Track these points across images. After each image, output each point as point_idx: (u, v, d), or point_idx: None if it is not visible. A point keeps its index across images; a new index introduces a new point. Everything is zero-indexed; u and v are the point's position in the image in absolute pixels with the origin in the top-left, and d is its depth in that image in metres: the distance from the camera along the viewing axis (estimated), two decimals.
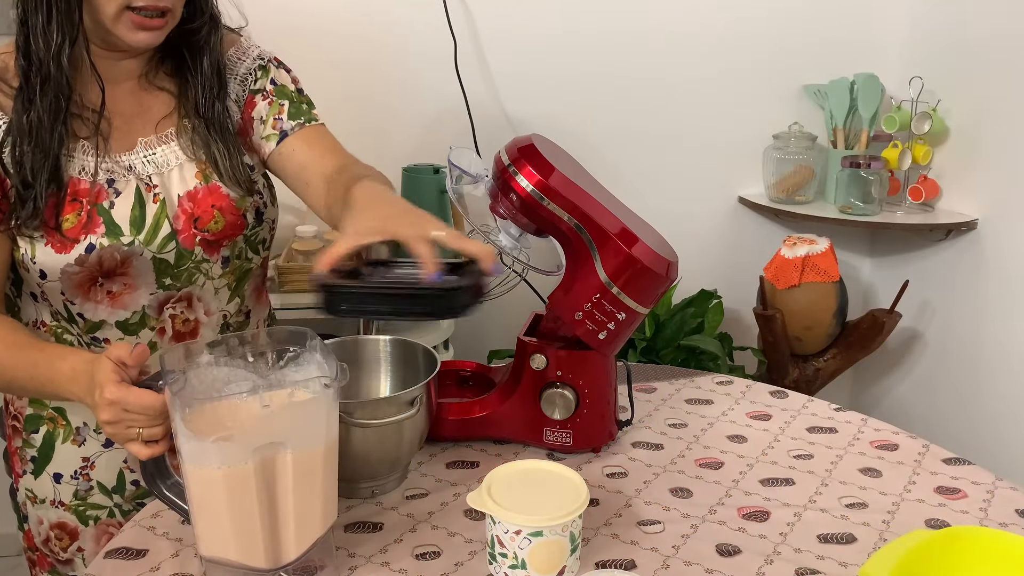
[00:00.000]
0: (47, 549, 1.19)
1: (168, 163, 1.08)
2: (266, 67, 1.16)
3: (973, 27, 2.03)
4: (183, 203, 1.07)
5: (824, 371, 2.16)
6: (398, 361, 1.16)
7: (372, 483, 1.05)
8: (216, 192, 1.09)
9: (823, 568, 0.91)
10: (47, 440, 1.14)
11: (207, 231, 1.08)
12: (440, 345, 1.99)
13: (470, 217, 1.14)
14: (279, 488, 0.81)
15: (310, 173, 1.12)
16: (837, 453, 1.16)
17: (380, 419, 0.99)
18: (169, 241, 1.06)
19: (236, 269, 1.15)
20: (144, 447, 0.86)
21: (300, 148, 1.13)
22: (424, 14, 2.08)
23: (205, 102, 1.09)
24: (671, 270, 1.09)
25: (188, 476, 0.81)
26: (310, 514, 0.84)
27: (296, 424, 0.81)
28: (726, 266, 2.35)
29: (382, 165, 2.08)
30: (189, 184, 1.08)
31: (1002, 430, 1.99)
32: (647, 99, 2.23)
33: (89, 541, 1.17)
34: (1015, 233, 1.94)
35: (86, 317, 1.07)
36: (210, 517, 0.81)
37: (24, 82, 0.98)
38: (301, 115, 1.15)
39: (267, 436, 0.79)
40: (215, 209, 1.09)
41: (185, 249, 1.08)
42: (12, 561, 2.19)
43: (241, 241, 1.13)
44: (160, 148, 1.08)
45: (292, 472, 0.81)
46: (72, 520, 1.16)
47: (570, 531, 0.86)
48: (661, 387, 1.37)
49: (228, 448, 0.78)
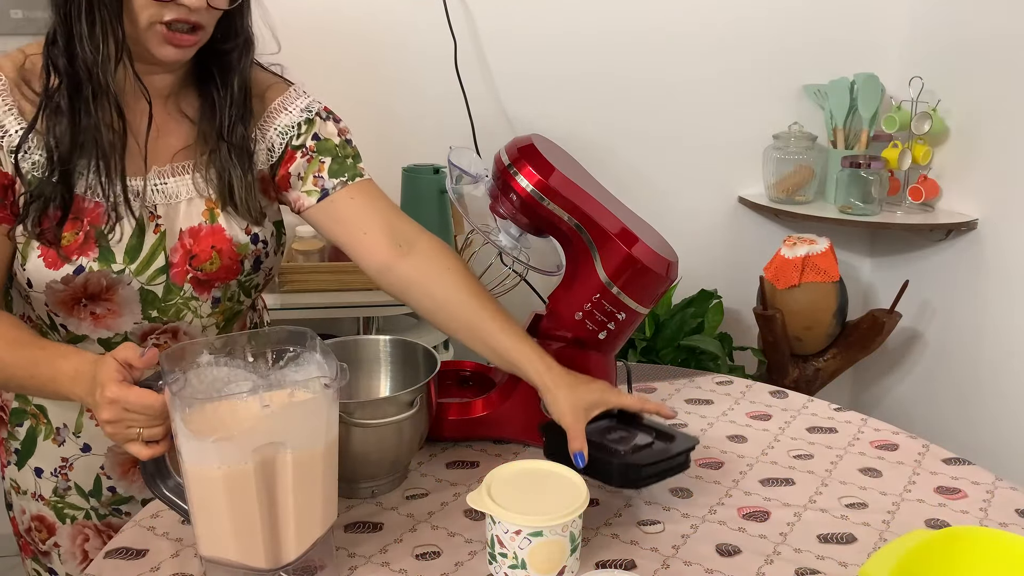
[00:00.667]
0: (29, 538, 1.19)
1: (177, 195, 1.04)
2: (312, 120, 1.11)
3: (973, 27, 2.03)
4: (184, 238, 1.04)
5: (824, 371, 2.16)
6: (398, 361, 1.16)
7: (372, 483, 1.05)
8: (219, 233, 1.05)
9: (823, 568, 0.91)
10: (30, 435, 1.14)
11: (200, 270, 1.05)
12: (440, 345, 1.99)
13: (470, 217, 1.14)
14: (279, 488, 0.81)
15: (353, 229, 1.10)
16: (837, 453, 1.15)
17: (380, 419, 0.99)
18: (160, 274, 1.03)
19: (226, 310, 1.11)
20: (144, 447, 0.86)
21: (343, 206, 1.09)
22: (424, 14, 2.08)
23: (230, 124, 1.05)
24: (671, 270, 1.09)
25: (188, 476, 0.81)
26: (310, 514, 0.84)
27: (296, 424, 0.81)
28: (726, 266, 2.35)
29: (382, 165, 2.08)
30: (194, 220, 1.05)
31: (1002, 430, 1.99)
32: (647, 99, 2.23)
33: (65, 539, 1.17)
34: (1015, 233, 1.94)
35: (69, 329, 1.06)
36: (210, 517, 0.81)
37: (68, 90, 0.94)
38: (345, 172, 1.10)
39: (267, 436, 0.79)
40: (214, 250, 1.05)
41: (174, 284, 1.04)
42: (12, 561, 2.19)
43: (234, 285, 1.09)
44: (172, 180, 1.04)
45: (292, 472, 0.81)
46: (50, 515, 1.16)
47: (570, 531, 0.86)
48: (661, 387, 1.37)
49: (228, 448, 0.78)
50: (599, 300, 1.07)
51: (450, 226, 1.93)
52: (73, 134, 0.95)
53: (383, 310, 1.86)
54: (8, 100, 0.96)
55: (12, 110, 0.96)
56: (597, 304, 1.07)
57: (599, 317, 1.08)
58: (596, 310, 1.08)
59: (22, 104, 0.96)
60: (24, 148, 0.95)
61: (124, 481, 1.16)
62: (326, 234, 1.13)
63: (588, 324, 1.09)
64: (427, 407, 1.05)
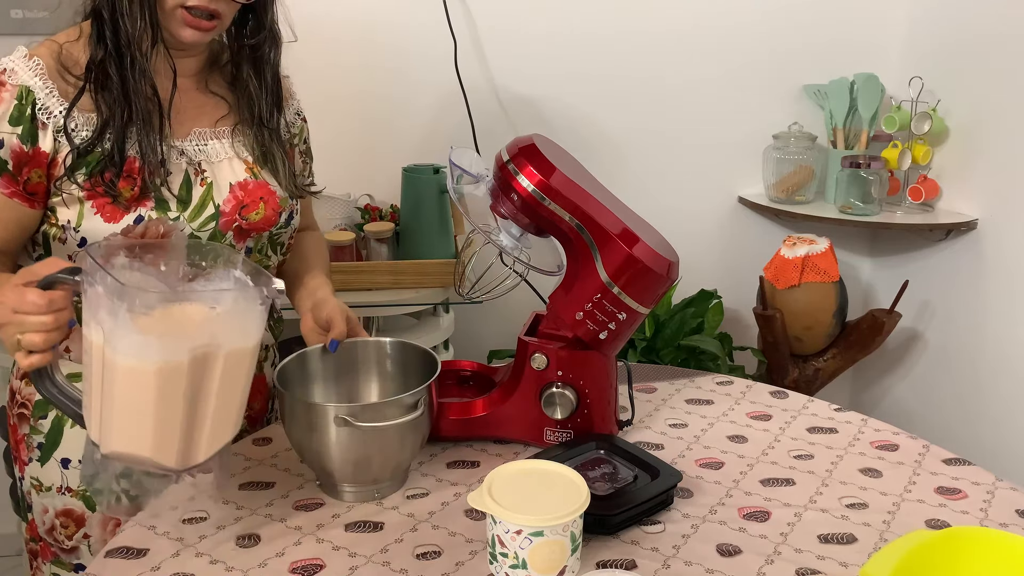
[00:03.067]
0: (51, 538, 1.19)
1: (218, 155, 1.14)
2: (304, 123, 1.29)
3: (973, 27, 2.03)
4: (235, 191, 1.13)
5: (824, 371, 2.16)
6: (397, 363, 1.15)
7: (375, 486, 1.04)
8: (264, 187, 1.16)
9: (823, 568, 0.91)
10: (55, 426, 1.15)
11: (246, 219, 1.14)
12: (440, 345, 1.99)
13: (471, 217, 1.14)
14: (204, 390, 0.84)
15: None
16: (837, 453, 1.16)
17: (383, 422, 0.99)
18: (210, 221, 1.11)
19: (256, 263, 1.16)
20: (25, 356, 0.87)
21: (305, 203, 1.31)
22: (424, 14, 2.08)
23: (269, 114, 1.18)
24: (672, 270, 1.09)
25: (117, 370, 0.82)
26: (225, 419, 0.88)
27: (234, 328, 0.85)
28: (726, 266, 2.35)
29: (382, 165, 2.07)
30: (239, 176, 1.15)
31: (1002, 430, 1.99)
32: (647, 99, 2.23)
33: (96, 527, 1.18)
34: (1015, 233, 1.94)
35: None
36: (132, 413, 0.84)
37: (116, 59, 1.04)
38: (310, 175, 1.32)
39: (208, 337, 0.83)
40: (262, 201, 1.15)
41: (219, 232, 1.13)
42: (12, 561, 2.19)
43: (265, 237, 1.18)
44: (212, 142, 1.14)
45: (220, 375, 0.84)
46: (79, 506, 1.17)
47: (570, 531, 0.86)
48: (661, 387, 1.37)
49: (170, 345, 0.81)
50: (600, 300, 1.07)
51: (450, 226, 1.93)
52: (123, 96, 1.04)
53: (383, 310, 1.86)
54: (49, 83, 1.04)
55: (53, 92, 1.04)
56: (598, 304, 1.07)
57: (600, 317, 1.08)
58: (597, 310, 1.08)
59: (62, 87, 1.04)
60: (70, 127, 1.04)
61: None
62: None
63: (589, 324, 1.09)
64: (429, 409, 1.05)
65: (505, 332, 2.22)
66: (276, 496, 1.05)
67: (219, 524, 0.99)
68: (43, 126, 1.03)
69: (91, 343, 0.84)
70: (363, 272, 1.84)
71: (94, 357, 0.84)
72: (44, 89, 1.03)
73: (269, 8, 1.14)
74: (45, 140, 1.04)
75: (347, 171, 2.05)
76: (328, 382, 1.15)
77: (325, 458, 1.01)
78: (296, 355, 1.11)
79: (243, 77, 1.16)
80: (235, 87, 1.18)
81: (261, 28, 1.14)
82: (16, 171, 1.03)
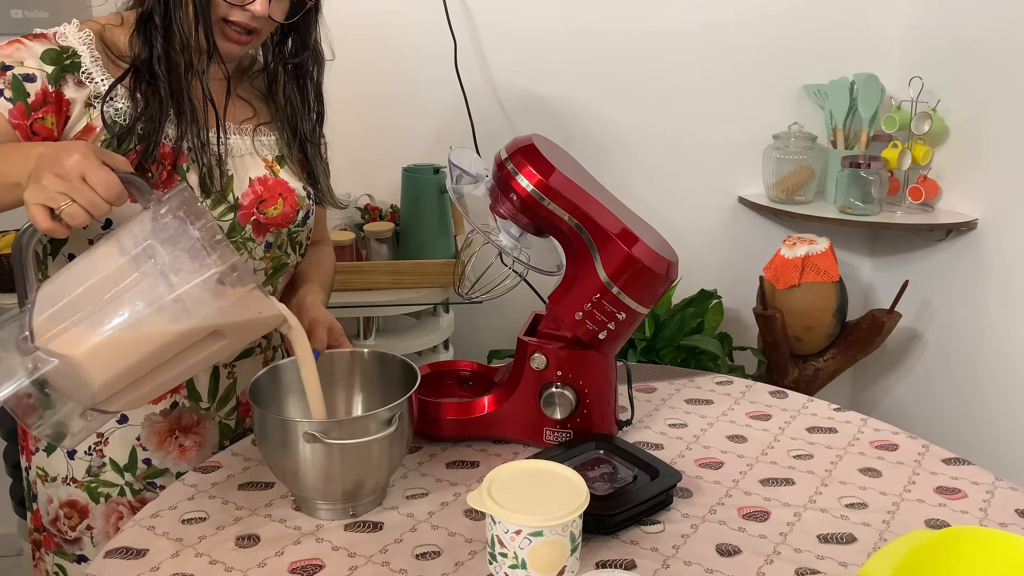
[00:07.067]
0: (55, 529, 1.20)
1: (239, 150, 1.16)
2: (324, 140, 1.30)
3: (973, 27, 2.03)
4: (254, 185, 1.16)
5: (824, 371, 2.16)
6: (377, 375, 1.11)
7: (351, 503, 1.00)
8: (284, 185, 1.19)
9: (823, 568, 0.91)
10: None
11: (264, 214, 1.16)
12: (440, 345, 1.99)
13: (470, 217, 1.14)
14: (180, 359, 0.86)
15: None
16: (837, 453, 1.16)
17: (356, 439, 0.95)
18: (229, 212, 1.13)
19: (275, 258, 1.21)
20: (49, 220, 0.84)
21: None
22: (424, 14, 2.08)
23: (312, 131, 1.23)
24: (671, 270, 1.09)
25: (145, 307, 0.81)
26: (160, 388, 0.89)
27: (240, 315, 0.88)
28: (726, 266, 2.35)
29: (382, 165, 2.07)
30: (259, 171, 1.17)
31: (1002, 430, 1.99)
32: (647, 99, 2.23)
33: (99, 519, 1.18)
34: (1015, 233, 1.94)
35: None
36: (122, 343, 0.82)
37: (165, 63, 1.06)
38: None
39: (236, 316, 0.87)
40: (280, 197, 1.18)
41: (238, 223, 1.14)
42: (12, 561, 2.19)
43: (284, 234, 1.20)
44: (234, 137, 1.16)
45: (202, 353, 0.86)
46: (83, 497, 1.18)
47: (570, 531, 0.86)
48: (661, 387, 1.37)
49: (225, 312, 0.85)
50: (599, 300, 1.07)
51: (450, 226, 1.93)
52: (169, 94, 1.07)
53: (383, 310, 1.86)
54: (96, 53, 1.07)
55: (98, 62, 1.07)
56: (597, 304, 1.08)
57: (599, 317, 1.08)
58: (596, 310, 1.08)
59: (105, 61, 1.08)
60: (109, 97, 1.06)
61: (160, 452, 1.18)
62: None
63: (588, 324, 1.09)
64: (408, 424, 1.00)
65: (505, 332, 2.22)
66: (276, 496, 1.05)
67: (219, 524, 0.99)
68: (79, 83, 1.05)
69: (118, 262, 0.82)
70: (363, 272, 1.84)
71: (111, 275, 0.81)
72: (90, 57, 1.06)
73: (313, 28, 1.18)
74: (75, 94, 1.04)
75: (347, 171, 2.04)
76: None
77: (297, 475, 0.97)
78: (268, 369, 1.07)
79: (284, 93, 1.20)
80: (270, 100, 1.22)
81: (305, 47, 1.19)
82: (34, 107, 1.02)
